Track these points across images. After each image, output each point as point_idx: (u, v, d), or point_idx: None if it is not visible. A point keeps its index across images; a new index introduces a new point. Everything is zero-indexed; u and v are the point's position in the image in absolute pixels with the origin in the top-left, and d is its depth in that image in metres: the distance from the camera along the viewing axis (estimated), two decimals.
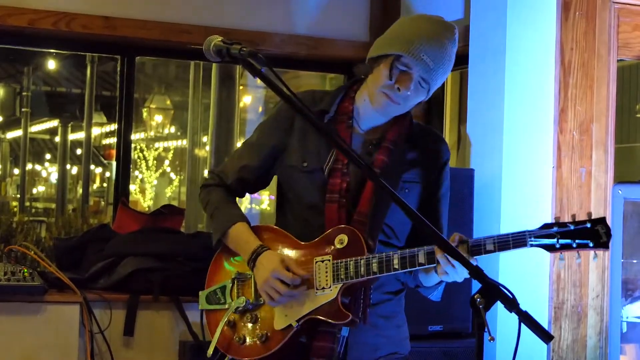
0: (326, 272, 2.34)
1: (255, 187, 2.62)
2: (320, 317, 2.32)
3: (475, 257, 2.20)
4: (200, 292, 2.55)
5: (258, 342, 2.40)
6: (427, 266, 2.26)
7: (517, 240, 2.17)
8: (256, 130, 2.60)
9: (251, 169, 2.56)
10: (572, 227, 2.13)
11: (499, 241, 2.19)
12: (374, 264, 2.29)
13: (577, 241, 2.12)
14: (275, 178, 2.60)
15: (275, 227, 2.51)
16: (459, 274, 2.23)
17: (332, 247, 2.35)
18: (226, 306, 2.47)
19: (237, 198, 2.63)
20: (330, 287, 2.33)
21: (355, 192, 2.41)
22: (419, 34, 2.36)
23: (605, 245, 2.11)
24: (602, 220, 2.12)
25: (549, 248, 2.15)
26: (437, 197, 2.52)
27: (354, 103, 2.49)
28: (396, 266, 2.27)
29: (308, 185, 2.45)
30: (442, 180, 2.53)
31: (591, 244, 2.12)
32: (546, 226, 2.16)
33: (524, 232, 2.17)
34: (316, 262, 2.36)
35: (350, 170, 2.42)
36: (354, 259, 2.31)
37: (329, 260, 2.34)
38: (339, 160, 2.42)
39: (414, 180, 2.47)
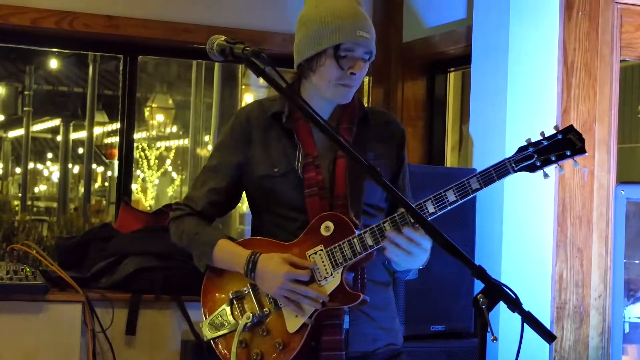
0: (323, 261, 2.33)
1: (225, 208, 2.58)
2: (334, 306, 2.31)
3: (465, 198, 2.22)
4: (201, 324, 2.48)
5: (277, 351, 2.35)
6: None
7: (500, 169, 2.20)
8: (213, 155, 2.57)
9: (220, 191, 2.52)
10: (546, 143, 2.17)
11: (483, 177, 2.21)
12: (367, 237, 2.29)
13: (555, 154, 2.16)
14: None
15: (257, 237, 2.48)
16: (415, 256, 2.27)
17: (320, 236, 2.34)
18: (233, 328, 2.40)
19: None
20: (332, 275, 2.32)
21: (329, 181, 2.42)
22: (340, 15, 2.39)
23: (582, 150, 2.15)
24: (571, 128, 2.16)
25: (531, 168, 2.19)
26: (403, 170, 2.57)
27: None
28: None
29: (285, 188, 2.43)
30: (404, 153, 2.58)
31: (569, 152, 2.15)
32: (521, 149, 2.20)
33: (503, 160, 2.20)
34: (309, 255, 2.35)
35: (320, 162, 2.43)
36: (346, 240, 2.31)
37: (322, 249, 2.33)
38: (308, 155, 2.42)
39: (381, 157, 2.49)
